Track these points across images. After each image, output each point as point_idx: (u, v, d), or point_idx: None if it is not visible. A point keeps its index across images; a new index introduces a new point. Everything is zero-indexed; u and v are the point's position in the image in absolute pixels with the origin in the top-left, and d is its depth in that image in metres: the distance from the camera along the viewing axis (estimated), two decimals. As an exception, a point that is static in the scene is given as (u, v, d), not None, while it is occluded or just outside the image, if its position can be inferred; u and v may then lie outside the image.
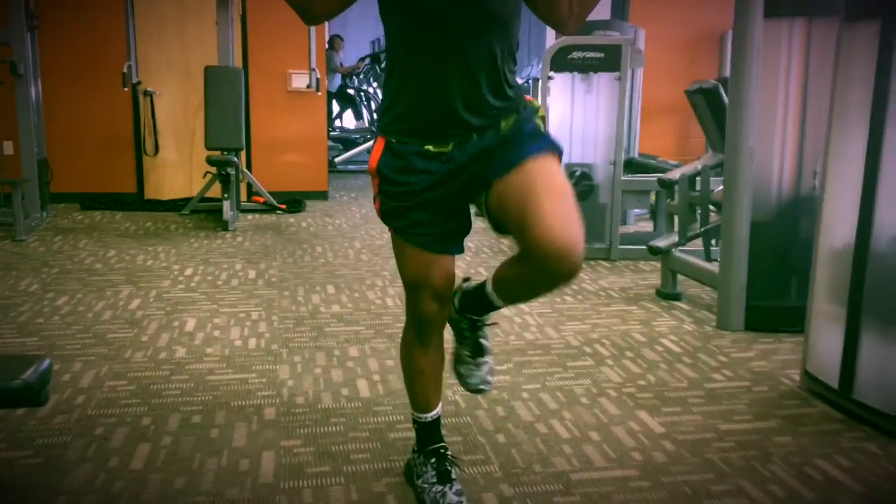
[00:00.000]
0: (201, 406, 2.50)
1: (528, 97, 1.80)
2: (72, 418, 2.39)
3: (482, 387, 1.97)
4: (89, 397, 2.55)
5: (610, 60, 4.60)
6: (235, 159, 5.90)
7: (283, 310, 3.59)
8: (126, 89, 6.22)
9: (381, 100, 1.82)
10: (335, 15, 1.72)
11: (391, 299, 3.78)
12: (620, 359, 3.00)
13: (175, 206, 6.32)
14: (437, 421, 1.97)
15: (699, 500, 1.98)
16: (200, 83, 6.01)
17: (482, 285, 1.86)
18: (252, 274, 4.27)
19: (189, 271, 4.30)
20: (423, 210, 1.75)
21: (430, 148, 1.70)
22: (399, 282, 1.85)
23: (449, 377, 2.05)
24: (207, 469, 2.10)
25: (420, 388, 1.94)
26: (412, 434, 2.04)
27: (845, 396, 2.47)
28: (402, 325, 1.93)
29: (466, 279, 1.99)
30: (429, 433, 1.96)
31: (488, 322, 1.97)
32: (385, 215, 1.81)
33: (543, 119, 1.79)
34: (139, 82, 6.37)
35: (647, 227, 5.60)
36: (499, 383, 2.66)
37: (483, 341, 1.98)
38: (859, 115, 2.38)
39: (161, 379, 2.73)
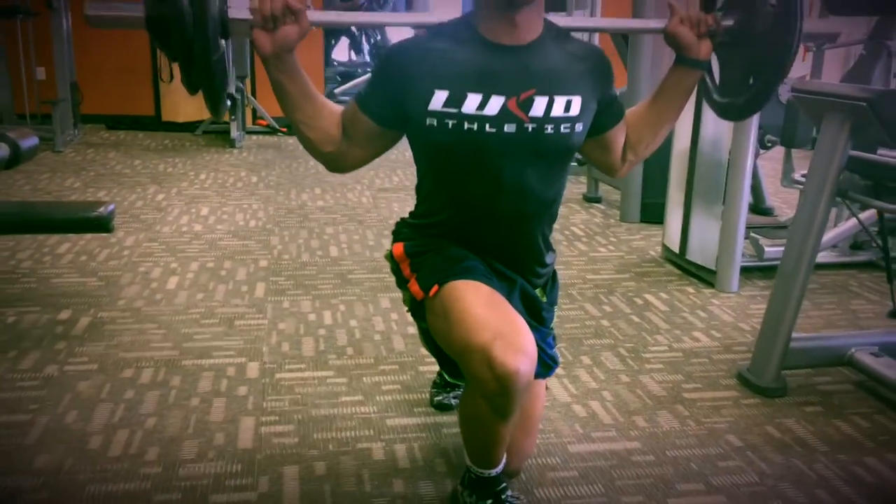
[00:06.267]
0: (214, 258, 3.44)
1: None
2: (121, 262, 3.34)
3: None
4: (132, 251, 3.49)
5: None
6: (241, 85, 6.74)
7: (277, 203, 4.50)
8: (145, 21, 7.00)
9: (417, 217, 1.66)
10: (360, 167, 1.66)
11: (365, 198, 4.68)
12: (534, 238, 3.91)
13: (189, 127, 7.19)
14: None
15: (551, 312, 2.91)
16: (210, 17, 6.78)
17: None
18: (254, 179, 5.17)
19: (203, 176, 5.20)
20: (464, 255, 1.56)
21: None
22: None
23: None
24: (219, 290, 3.04)
25: (493, 451, 1.56)
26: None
27: (682, 257, 3.38)
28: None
29: None
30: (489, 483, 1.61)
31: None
32: (428, 274, 1.54)
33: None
34: (156, 15, 7.14)
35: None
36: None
37: None
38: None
39: (183, 242, 3.66)
